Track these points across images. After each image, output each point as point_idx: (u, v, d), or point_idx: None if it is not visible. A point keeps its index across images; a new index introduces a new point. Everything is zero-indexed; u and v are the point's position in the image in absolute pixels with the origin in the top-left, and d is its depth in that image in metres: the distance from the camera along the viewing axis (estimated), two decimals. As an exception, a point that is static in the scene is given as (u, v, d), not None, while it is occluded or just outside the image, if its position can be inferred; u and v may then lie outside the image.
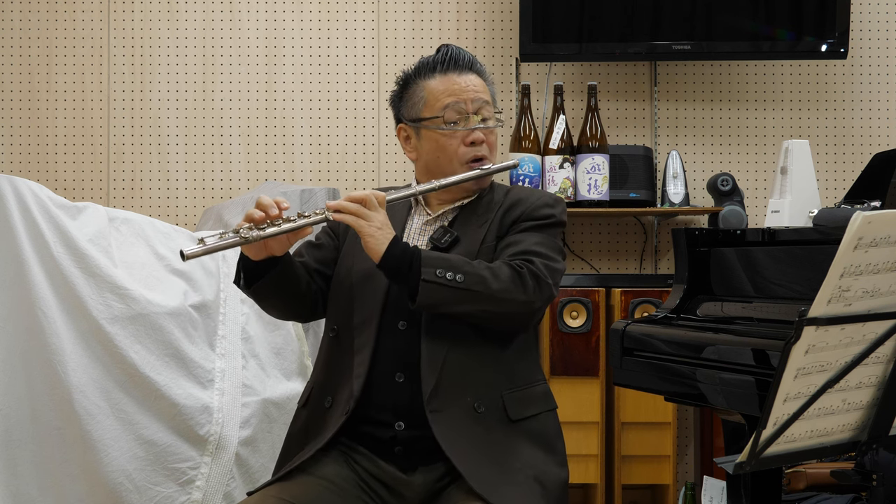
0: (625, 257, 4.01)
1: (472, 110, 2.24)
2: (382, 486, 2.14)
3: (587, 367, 3.50)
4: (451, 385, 2.10)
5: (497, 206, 2.25)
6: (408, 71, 2.32)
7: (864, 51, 4.00)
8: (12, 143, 3.98)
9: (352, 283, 2.21)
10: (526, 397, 2.18)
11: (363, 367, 2.14)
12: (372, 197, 2.10)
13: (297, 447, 2.20)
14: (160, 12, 4.00)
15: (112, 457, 2.75)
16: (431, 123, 2.24)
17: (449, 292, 2.05)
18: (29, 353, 2.73)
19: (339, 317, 2.24)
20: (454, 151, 2.24)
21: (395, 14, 4.00)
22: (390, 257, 2.07)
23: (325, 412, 2.19)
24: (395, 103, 2.34)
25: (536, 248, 2.16)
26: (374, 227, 2.08)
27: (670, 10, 3.83)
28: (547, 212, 2.23)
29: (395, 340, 2.15)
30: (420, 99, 2.26)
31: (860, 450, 1.74)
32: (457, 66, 2.26)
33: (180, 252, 2.03)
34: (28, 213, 2.75)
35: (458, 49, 2.29)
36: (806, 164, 2.85)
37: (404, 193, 2.20)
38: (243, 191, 3.95)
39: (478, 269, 2.09)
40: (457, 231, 2.22)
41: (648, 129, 4.01)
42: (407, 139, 2.32)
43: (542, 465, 2.13)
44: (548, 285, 2.13)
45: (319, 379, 2.25)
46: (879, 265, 1.57)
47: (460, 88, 2.24)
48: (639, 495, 3.78)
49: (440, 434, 2.07)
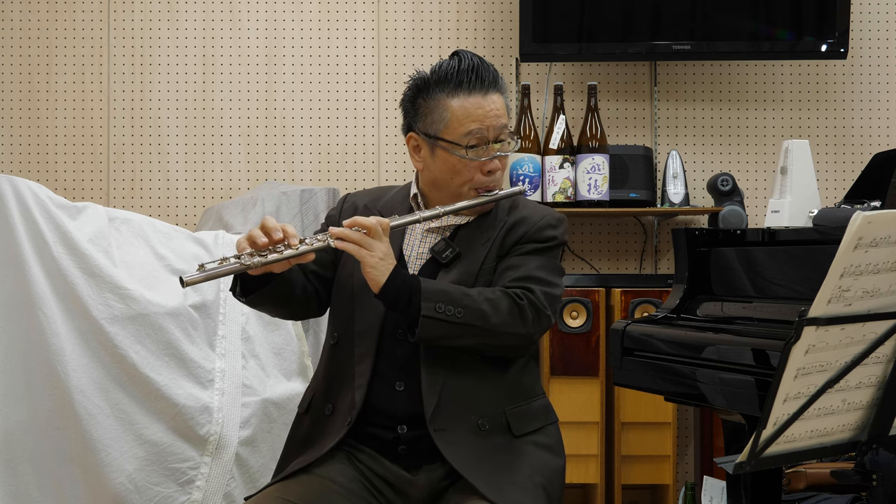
0: (625, 257, 4.00)
1: (492, 138, 2.18)
2: (387, 486, 2.14)
3: (587, 367, 3.50)
4: (454, 404, 2.11)
5: (500, 225, 2.22)
6: (425, 77, 2.22)
7: (864, 51, 4.00)
8: (12, 143, 3.98)
9: (353, 290, 2.20)
10: (528, 412, 2.18)
11: (364, 377, 2.14)
12: (377, 226, 2.07)
13: (297, 453, 2.19)
14: (160, 12, 4.00)
15: (112, 457, 2.75)
16: (450, 147, 2.17)
17: (449, 327, 2.05)
18: (29, 353, 2.73)
19: (340, 324, 2.23)
20: (469, 178, 2.19)
21: (395, 14, 4.00)
22: (390, 290, 2.05)
23: (325, 420, 2.19)
24: (409, 110, 2.25)
25: (537, 274, 2.15)
26: (375, 257, 2.05)
27: (670, 10, 3.83)
28: (549, 234, 2.21)
29: (394, 348, 2.15)
30: (441, 118, 2.18)
31: (860, 450, 1.73)
32: (482, 85, 2.18)
33: (179, 279, 2.00)
34: (28, 213, 2.75)
35: (482, 63, 2.20)
36: (806, 164, 2.85)
37: (409, 219, 2.15)
38: (243, 191, 3.95)
39: (478, 301, 2.07)
40: (458, 246, 2.20)
41: (648, 129, 4.01)
42: (417, 149, 2.24)
43: (546, 467, 2.13)
44: (547, 317, 2.13)
45: (320, 386, 2.24)
46: (879, 265, 1.57)
47: (484, 114, 2.17)
48: (639, 495, 3.78)
49: (446, 450, 2.07)
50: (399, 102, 2.30)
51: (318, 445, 2.15)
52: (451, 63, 2.20)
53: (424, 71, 2.23)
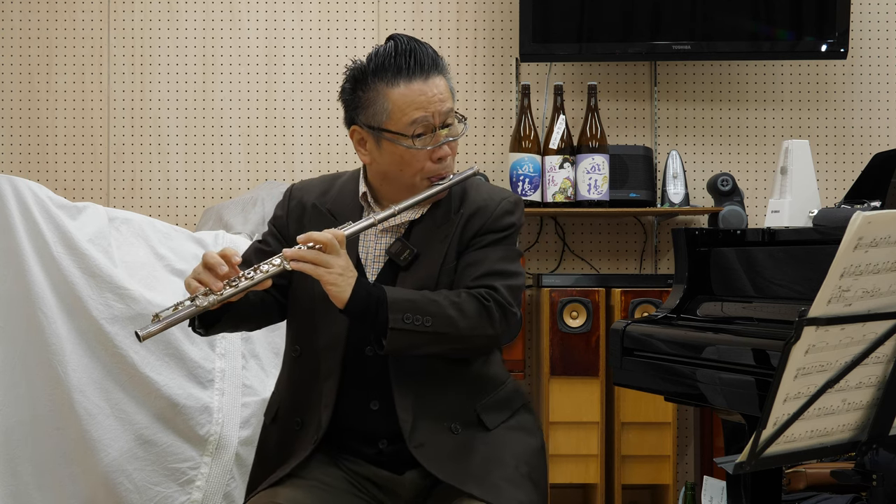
0: (625, 257, 4.00)
1: (438, 123, 2.08)
2: (373, 486, 2.13)
3: (587, 367, 3.50)
4: (427, 418, 2.08)
5: (458, 217, 2.14)
6: (362, 66, 2.10)
7: (864, 51, 4.00)
8: (12, 143, 3.98)
9: (313, 302, 2.11)
10: (499, 402, 2.15)
11: (331, 395, 2.09)
12: (332, 241, 1.97)
13: (271, 464, 2.14)
14: (160, 12, 4.00)
15: (112, 457, 2.75)
16: (395, 138, 2.07)
17: (417, 337, 2.00)
18: (29, 353, 2.74)
19: (301, 338, 2.17)
20: (419, 168, 2.09)
21: (395, 14, 4.00)
22: (355, 304, 1.98)
23: (296, 433, 2.14)
24: (349, 102, 2.13)
25: (499, 267, 2.10)
26: (334, 273, 1.97)
27: (670, 10, 3.83)
28: (507, 221, 2.15)
29: (363, 368, 2.10)
30: (382, 109, 2.07)
31: (860, 450, 1.73)
32: (422, 70, 2.07)
33: (136, 333, 1.95)
34: (28, 213, 2.75)
35: (419, 46, 2.09)
36: (806, 164, 2.85)
37: (363, 225, 2.07)
38: (243, 191, 3.96)
39: (445, 308, 2.02)
40: (415, 245, 2.12)
41: (648, 129, 4.01)
42: (361, 142, 2.13)
43: (526, 451, 2.12)
44: (513, 314, 2.10)
45: (285, 398, 2.19)
46: (879, 265, 1.57)
47: (427, 100, 2.06)
48: (639, 495, 3.78)
49: (429, 465, 2.05)
50: (338, 95, 2.18)
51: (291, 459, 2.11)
52: (388, 49, 2.09)
53: (361, 60, 2.11)
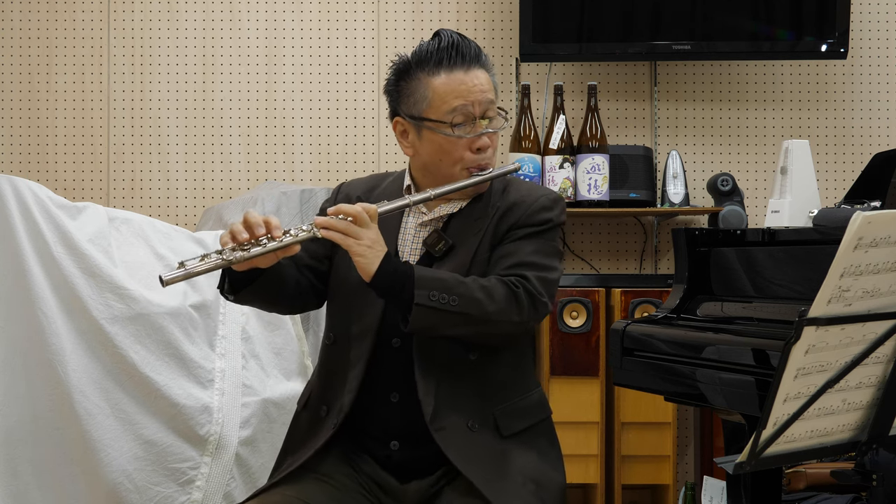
0: (625, 257, 4.00)
1: (479, 113, 2.11)
2: (378, 488, 2.14)
3: (587, 367, 3.50)
4: (447, 408, 2.07)
5: (493, 210, 2.15)
6: (406, 59, 2.15)
7: (864, 51, 4.00)
8: (12, 143, 3.98)
9: (350, 290, 2.13)
10: (519, 410, 2.14)
11: (356, 381, 2.10)
12: (362, 213, 1.99)
13: (295, 450, 2.19)
14: (160, 12, 4.00)
15: (112, 457, 2.75)
16: (436, 126, 2.11)
17: (443, 316, 1.99)
18: (29, 353, 2.73)
19: (337, 325, 2.19)
20: (459, 157, 2.12)
21: (395, 14, 4.00)
22: (382, 277, 1.98)
23: (321, 419, 2.17)
24: (392, 94, 2.18)
25: (532, 259, 2.09)
26: (363, 245, 1.98)
27: (670, 10, 3.83)
28: (544, 216, 2.14)
29: (389, 358, 2.11)
30: (423, 98, 2.11)
31: (860, 450, 1.73)
32: (464, 61, 2.11)
33: (159, 277, 1.93)
34: (28, 213, 2.75)
35: (462, 39, 2.14)
36: (806, 164, 2.85)
37: (398, 204, 2.08)
38: (243, 191, 3.95)
39: (472, 289, 2.01)
40: (451, 237, 2.13)
41: (648, 129, 4.01)
42: (404, 134, 2.18)
43: (535, 468, 2.11)
44: (543, 303, 2.07)
45: (317, 386, 2.22)
46: (879, 265, 1.57)
47: (467, 89, 2.10)
48: (639, 495, 3.78)
49: (446, 447, 2.05)
50: (383, 89, 2.22)
51: (313, 444, 2.14)
52: (432, 43, 2.14)
53: (405, 53, 2.16)
